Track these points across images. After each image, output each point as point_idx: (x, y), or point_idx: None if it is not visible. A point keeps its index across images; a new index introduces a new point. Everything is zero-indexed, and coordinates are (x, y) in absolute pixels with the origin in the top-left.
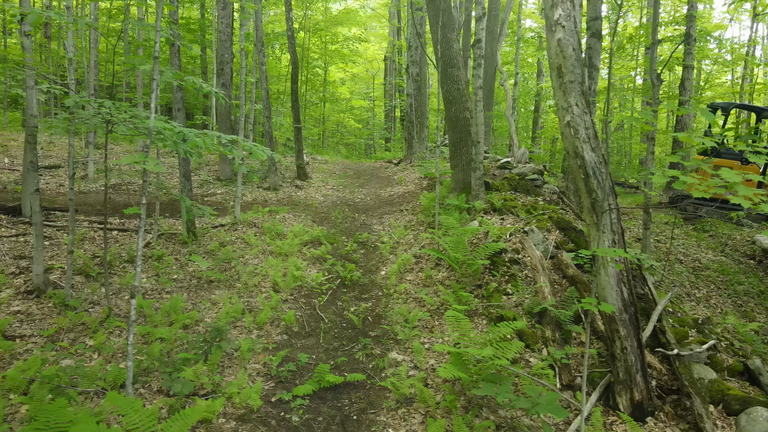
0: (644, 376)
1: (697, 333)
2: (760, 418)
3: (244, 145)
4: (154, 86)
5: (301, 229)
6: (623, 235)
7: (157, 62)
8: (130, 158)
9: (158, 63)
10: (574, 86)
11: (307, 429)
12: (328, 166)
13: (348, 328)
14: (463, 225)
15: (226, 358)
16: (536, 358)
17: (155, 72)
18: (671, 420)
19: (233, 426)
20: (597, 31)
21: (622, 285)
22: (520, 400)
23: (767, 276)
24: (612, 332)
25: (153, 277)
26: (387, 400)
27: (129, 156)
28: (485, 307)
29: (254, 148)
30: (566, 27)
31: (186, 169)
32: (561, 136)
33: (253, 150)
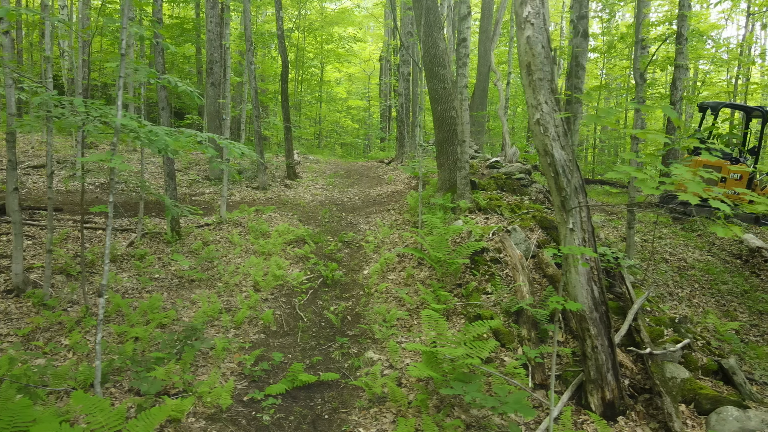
0: (615, 375)
1: (673, 332)
2: (730, 417)
3: (219, 143)
4: (120, 84)
5: (285, 228)
6: (593, 233)
7: (124, 60)
8: (97, 156)
9: (125, 61)
10: (544, 84)
11: (277, 428)
12: (319, 166)
13: (326, 327)
14: (448, 224)
15: (201, 357)
16: (511, 358)
17: (122, 69)
18: (642, 419)
19: (202, 425)
20: (584, 31)
21: (592, 283)
22: (487, 399)
23: (753, 275)
24: (583, 331)
25: (134, 276)
26: (360, 399)
27: (96, 154)
28: (464, 306)
29: (230, 146)
30: (535, 24)
31: (170, 168)
32: (531, 134)
33: (229, 148)
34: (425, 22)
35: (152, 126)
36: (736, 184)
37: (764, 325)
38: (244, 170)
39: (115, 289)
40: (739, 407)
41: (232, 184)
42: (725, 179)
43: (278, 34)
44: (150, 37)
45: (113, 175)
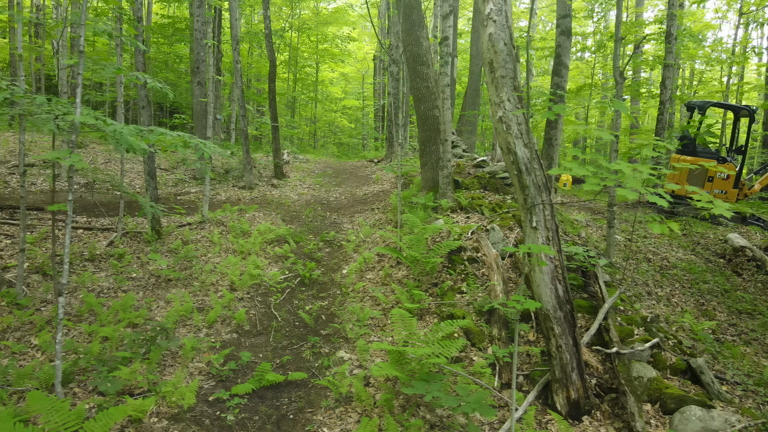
0: (581, 374)
1: (644, 331)
2: (693, 417)
3: (189, 142)
4: (79, 81)
5: (266, 227)
6: (557, 231)
7: (83, 57)
8: (54, 154)
9: (83, 58)
10: (506, 81)
11: (241, 428)
12: (308, 165)
13: (300, 326)
14: (428, 224)
15: (170, 357)
16: (481, 357)
17: (80, 67)
18: (607, 419)
19: (165, 425)
20: (566, 29)
21: (556, 282)
22: (448, 398)
23: (735, 275)
24: (547, 330)
25: (112, 275)
26: (326, 399)
27: (53, 152)
28: (438, 306)
29: (201, 145)
30: (497, 21)
31: (151, 168)
32: (494, 132)
33: (200, 147)
34: (408, 21)
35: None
36: (723, 184)
37: (742, 324)
38: (231, 170)
39: (90, 288)
40: (703, 407)
41: (218, 183)
42: (712, 178)
43: (266, 33)
44: (116, 35)
45: (72, 173)
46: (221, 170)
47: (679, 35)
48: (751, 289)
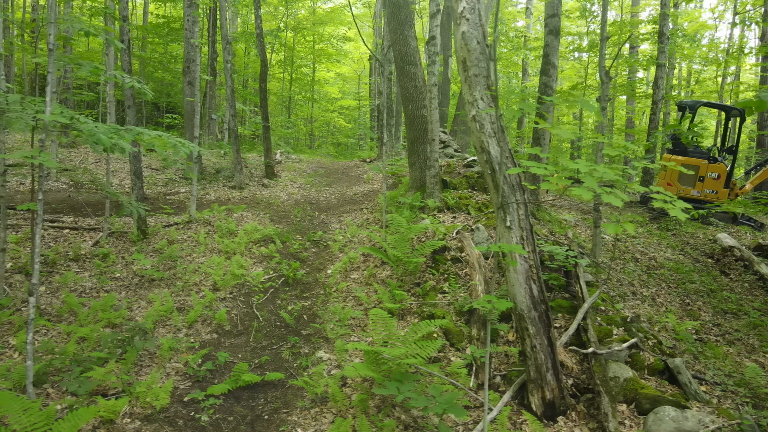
0: (556, 374)
1: (624, 331)
2: (666, 417)
3: (167, 141)
4: (50, 79)
5: (253, 227)
6: (532, 231)
7: (52, 55)
8: (21, 153)
9: (53, 56)
10: (479, 80)
11: (215, 429)
12: (301, 165)
13: (281, 326)
14: (414, 223)
15: (147, 357)
16: (459, 357)
17: (50, 65)
18: (582, 419)
19: (137, 426)
20: (555, 29)
21: (531, 282)
22: (419, 399)
23: (722, 275)
24: (522, 330)
25: (95, 275)
26: (302, 399)
27: (20, 151)
28: (419, 306)
29: (178, 144)
30: (470, 20)
31: (137, 167)
32: (468, 131)
33: (177, 146)
34: (396, 20)
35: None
36: (714, 184)
37: (726, 324)
38: (222, 169)
39: (72, 288)
40: (677, 407)
41: (209, 183)
42: (703, 178)
43: (257, 33)
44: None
45: (42, 172)
46: (212, 170)
47: (672, 35)
48: (738, 289)
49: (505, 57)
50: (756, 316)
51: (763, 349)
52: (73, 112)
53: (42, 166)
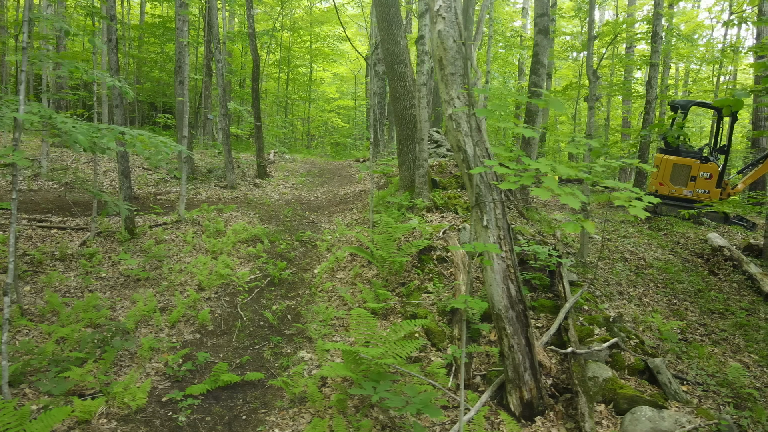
0: (534, 374)
1: (606, 331)
2: (643, 417)
3: (148, 141)
4: (22, 78)
5: (241, 227)
6: (509, 230)
7: (26, 53)
8: None
9: (27, 54)
10: (456, 78)
11: (192, 429)
12: (294, 165)
13: (265, 326)
14: (402, 223)
15: (127, 357)
16: (440, 357)
17: (24, 63)
18: (560, 419)
19: (113, 426)
20: (544, 28)
21: (508, 282)
22: (395, 399)
23: (711, 274)
24: (499, 330)
25: (81, 275)
26: (281, 399)
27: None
28: (403, 306)
29: (160, 144)
30: (446, 18)
31: (124, 167)
32: (445, 130)
33: (159, 146)
34: (385, 19)
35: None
36: (706, 184)
37: (713, 324)
38: (214, 169)
39: (57, 288)
40: (655, 407)
41: (200, 183)
42: (695, 178)
43: (249, 33)
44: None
45: (15, 171)
46: (204, 170)
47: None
48: (726, 289)
49: (502, 57)
50: (742, 316)
51: (748, 349)
52: (51, 111)
53: (15, 165)
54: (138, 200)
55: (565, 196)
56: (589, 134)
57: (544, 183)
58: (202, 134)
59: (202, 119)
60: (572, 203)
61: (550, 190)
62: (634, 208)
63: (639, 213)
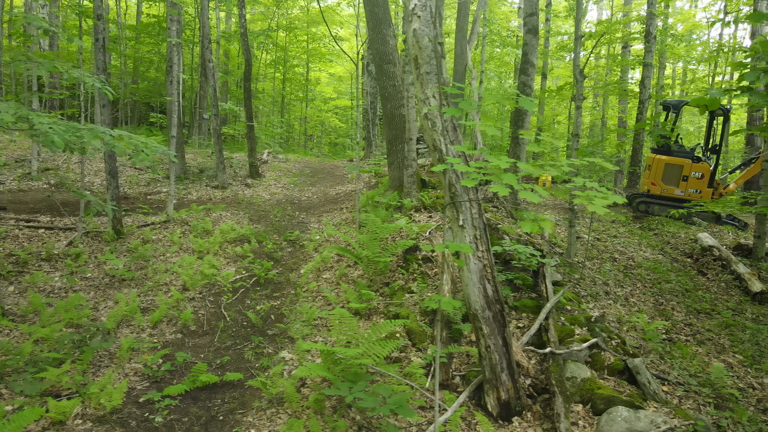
0: (511, 374)
1: (587, 331)
2: (619, 418)
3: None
4: None
5: (229, 227)
6: (486, 230)
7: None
8: None
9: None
10: (431, 78)
11: (167, 430)
12: (287, 165)
13: (248, 326)
14: (390, 223)
15: (107, 357)
16: (420, 357)
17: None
18: (537, 420)
19: (88, 427)
20: (533, 27)
21: (485, 282)
22: (369, 399)
23: (699, 274)
24: (476, 330)
25: (66, 275)
26: (259, 400)
27: None
28: (386, 306)
29: (140, 144)
30: (422, 17)
31: (112, 167)
32: (421, 129)
33: (139, 146)
34: (374, 18)
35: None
36: (698, 183)
37: (699, 324)
38: (206, 169)
39: (41, 288)
40: (631, 407)
41: (191, 183)
42: (687, 178)
43: (241, 32)
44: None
45: None
46: (196, 170)
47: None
48: (714, 289)
49: (498, 57)
50: (728, 316)
51: (733, 349)
52: (28, 111)
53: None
54: (128, 200)
55: (524, 192)
56: (576, 134)
57: (503, 180)
58: (197, 134)
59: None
60: (531, 198)
61: (509, 187)
62: (592, 206)
63: (598, 210)
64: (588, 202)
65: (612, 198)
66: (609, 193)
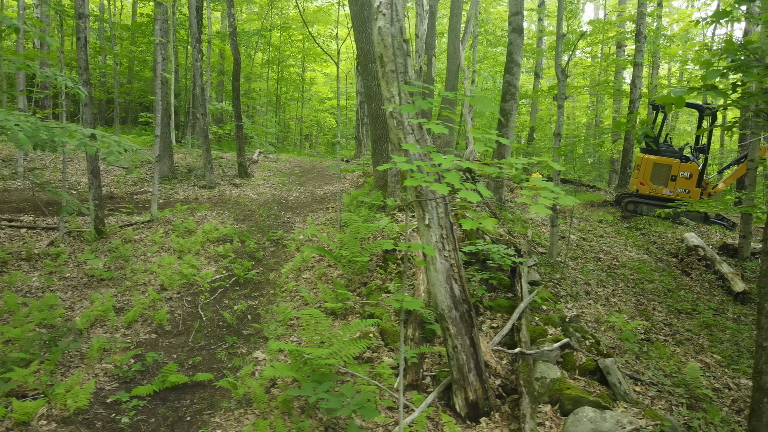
0: (479, 375)
1: (560, 331)
2: (584, 418)
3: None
4: None
5: (212, 226)
6: (452, 229)
7: None
8: None
9: None
10: (395, 76)
11: (133, 431)
12: (277, 165)
13: (224, 326)
14: (372, 222)
15: (77, 358)
16: (392, 358)
17: None
18: (505, 420)
19: (53, 428)
20: (518, 27)
21: (452, 281)
22: (332, 399)
23: (683, 274)
24: (444, 330)
25: (45, 275)
26: (228, 400)
27: None
28: (362, 306)
29: (113, 143)
30: (386, 15)
31: (94, 166)
32: (388, 127)
33: (111, 145)
34: (359, 17)
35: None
36: (686, 183)
37: (679, 324)
38: (194, 169)
39: (19, 288)
40: (598, 408)
41: (179, 182)
42: (675, 177)
43: (230, 31)
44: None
45: None
46: (184, 169)
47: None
48: (697, 289)
49: (492, 56)
50: (709, 316)
51: (711, 349)
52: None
53: None
54: (114, 200)
55: (464, 191)
56: (557, 133)
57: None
58: (190, 134)
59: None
60: (471, 197)
61: (450, 186)
62: (534, 206)
63: (540, 210)
64: (531, 202)
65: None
66: (562, 194)
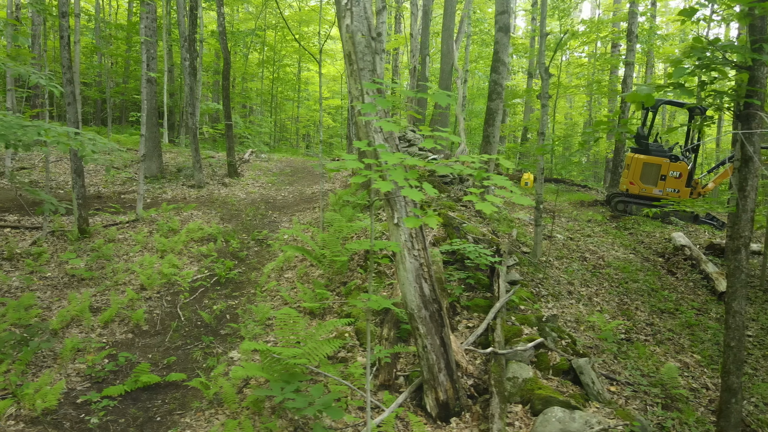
0: (450, 375)
1: (536, 331)
2: (553, 418)
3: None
4: None
5: (197, 226)
6: (422, 229)
7: None
8: None
9: None
10: (365, 74)
11: (102, 431)
12: (268, 164)
13: (202, 326)
14: (355, 222)
15: (50, 358)
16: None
17: None
18: (475, 420)
19: (20, 428)
20: (504, 26)
21: (422, 281)
22: (298, 399)
23: (668, 274)
24: (413, 330)
25: (25, 275)
26: (199, 401)
27: None
28: (340, 305)
29: (86, 141)
30: (355, 12)
31: (77, 165)
32: (356, 126)
33: (84, 143)
34: None
35: None
36: (676, 183)
37: (660, 324)
38: (183, 168)
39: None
40: (567, 408)
41: (168, 182)
42: (665, 177)
43: (219, 30)
44: None
45: None
46: (173, 168)
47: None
48: (681, 288)
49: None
50: (691, 315)
51: (692, 349)
52: None
53: None
54: (101, 199)
55: (407, 190)
56: (541, 132)
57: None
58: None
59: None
60: (413, 196)
61: (393, 183)
62: (479, 204)
63: (485, 208)
64: (477, 200)
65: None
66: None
